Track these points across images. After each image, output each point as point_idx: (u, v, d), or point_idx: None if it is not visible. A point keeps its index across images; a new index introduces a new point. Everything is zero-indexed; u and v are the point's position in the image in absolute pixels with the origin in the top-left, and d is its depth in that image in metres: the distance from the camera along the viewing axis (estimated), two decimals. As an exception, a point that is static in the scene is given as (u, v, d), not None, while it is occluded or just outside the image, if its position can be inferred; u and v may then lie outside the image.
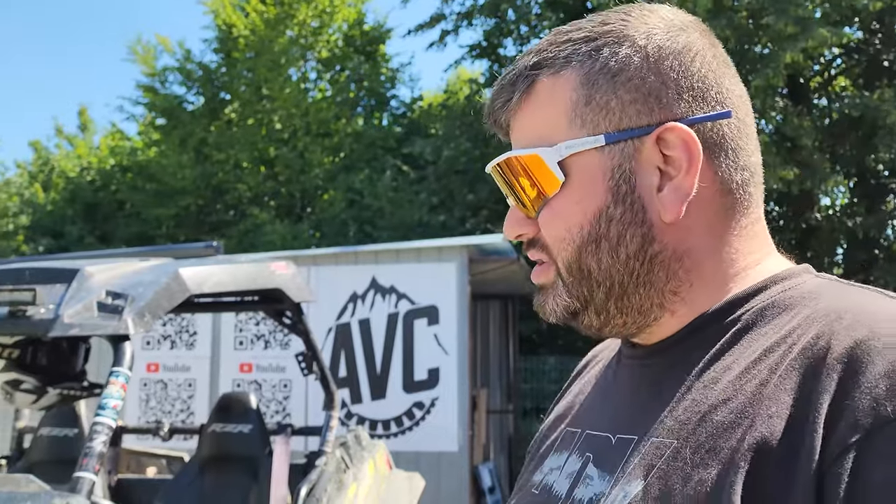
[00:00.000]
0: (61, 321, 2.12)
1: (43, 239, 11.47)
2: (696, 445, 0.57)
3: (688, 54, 0.66)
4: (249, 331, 5.18)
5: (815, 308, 0.60)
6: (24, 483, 1.90)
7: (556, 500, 0.67)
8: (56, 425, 3.23)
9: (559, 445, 0.74)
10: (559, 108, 0.66)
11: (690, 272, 0.65)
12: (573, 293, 0.68)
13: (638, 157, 0.65)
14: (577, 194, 0.66)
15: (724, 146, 0.65)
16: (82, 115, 15.03)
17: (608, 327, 0.69)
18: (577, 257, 0.66)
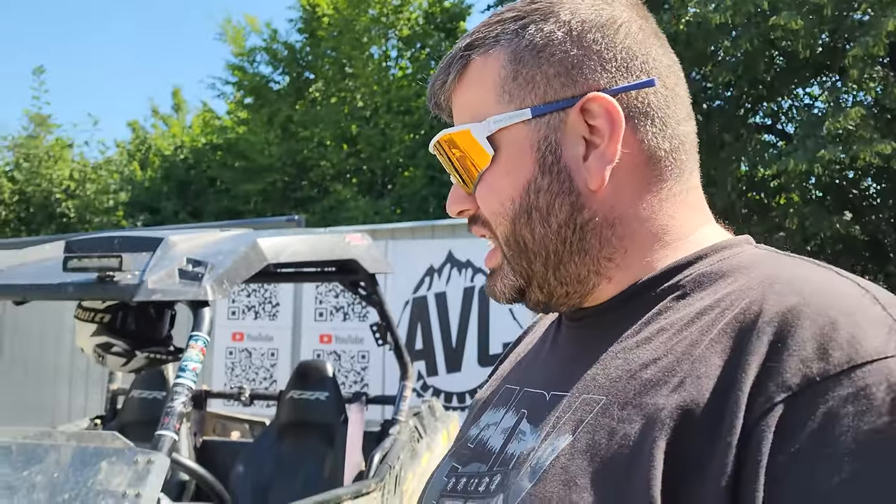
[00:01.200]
0: (145, 286, 2.22)
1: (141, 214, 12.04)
2: (624, 402, 0.58)
3: (612, 26, 0.67)
4: (329, 303, 5.31)
5: (750, 276, 0.61)
6: (109, 439, 2.01)
7: (490, 454, 0.69)
8: (146, 388, 3.40)
9: (497, 401, 0.76)
10: (488, 85, 0.69)
11: (623, 239, 0.67)
12: (516, 269, 0.70)
13: (563, 129, 0.66)
14: (507, 167, 0.68)
15: (650, 115, 0.66)
16: (176, 95, 15.65)
17: (553, 300, 0.71)
18: (512, 230, 0.68)
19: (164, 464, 1.93)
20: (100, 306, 2.80)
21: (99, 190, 11.19)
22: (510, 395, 0.74)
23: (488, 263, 0.74)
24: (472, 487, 0.68)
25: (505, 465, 0.66)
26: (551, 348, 0.75)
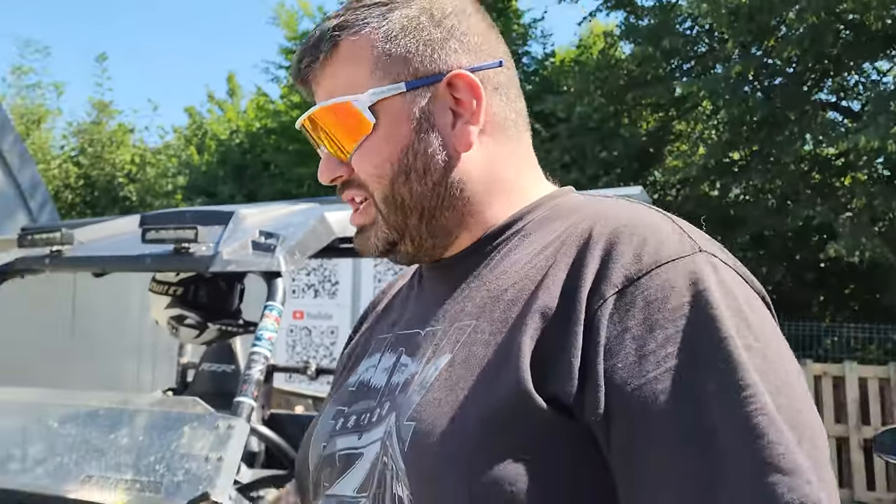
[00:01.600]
0: (220, 257, 2.26)
1: (198, 198, 12.29)
2: (492, 319, 0.70)
3: (463, 15, 0.79)
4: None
5: (580, 214, 0.75)
6: (191, 405, 2.06)
7: (377, 391, 0.77)
8: (215, 361, 3.48)
9: (371, 350, 0.84)
10: (362, 62, 0.77)
11: (483, 193, 0.78)
12: (391, 224, 0.79)
13: (434, 100, 0.77)
14: (386, 134, 0.76)
15: (499, 90, 0.80)
16: (230, 80, 15.88)
17: (421, 252, 0.80)
18: (391, 189, 0.77)
19: (244, 429, 1.97)
20: (173, 279, 2.86)
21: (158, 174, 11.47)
22: (383, 343, 0.83)
23: (357, 221, 0.81)
24: (364, 422, 0.75)
25: (391, 393, 0.74)
26: (417, 296, 0.84)
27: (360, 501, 0.72)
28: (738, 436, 0.57)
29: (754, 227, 9.67)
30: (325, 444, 0.79)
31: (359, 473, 0.73)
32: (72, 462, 2.04)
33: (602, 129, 11.95)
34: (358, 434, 0.75)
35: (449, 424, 0.65)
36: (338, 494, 0.75)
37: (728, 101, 9.09)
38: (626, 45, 12.53)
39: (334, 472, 0.76)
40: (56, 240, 2.47)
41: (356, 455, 0.74)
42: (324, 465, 0.79)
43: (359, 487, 0.72)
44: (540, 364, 0.64)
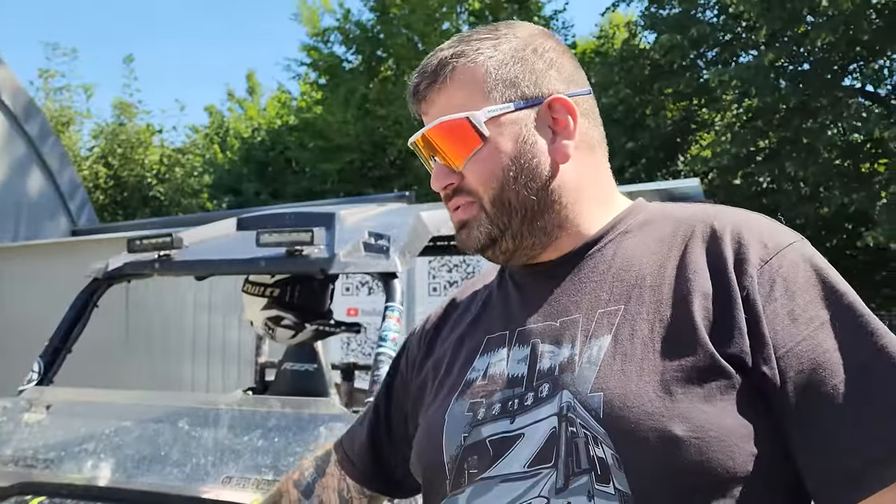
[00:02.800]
0: (338, 259, 2.28)
1: (225, 197, 12.33)
2: (642, 301, 0.81)
3: (558, 50, 0.93)
4: (442, 278, 5.37)
5: (675, 216, 0.88)
6: (325, 406, 2.09)
7: (519, 379, 0.84)
8: (297, 361, 3.49)
9: (485, 348, 0.90)
10: (476, 85, 0.89)
11: (577, 200, 0.89)
12: (495, 222, 0.89)
13: (537, 119, 0.89)
14: (497, 146, 0.88)
15: (587, 113, 0.91)
16: (250, 79, 15.92)
17: (520, 250, 0.90)
18: (500, 193, 0.88)
19: (380, 429, 2.00)
20: (269, 281, 2.89)
21: (186, 173, 11.51)
22: (502, 340, 0.89)
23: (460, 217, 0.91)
24: (513, 407, 0.82)
25: (547, 376, 0.82)
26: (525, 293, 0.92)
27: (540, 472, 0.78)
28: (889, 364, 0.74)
29: (787, 215, 9.66)
30: (465, 434, 0.84)
31: (524, 451, 0.79)
32: (209, 463, 2.07)
33: (627, 119, 11.96)
34: (509, 419, 0.82)
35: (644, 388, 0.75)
36: (500, 474, 0.80)
37: (760, 88, 9.08)
38: (648, 34, 12.51)
39: (486, 458, 0.81)
40: (166, 244, 2.50)
41: (514, 437, 0.81)
42: (467, 454, 0.83)
43: (530, 462, 0.79)
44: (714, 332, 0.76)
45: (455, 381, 0.90)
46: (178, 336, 5.99)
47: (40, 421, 2.35)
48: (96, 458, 2.19)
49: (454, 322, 1.00)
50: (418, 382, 0.99)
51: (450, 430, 0.86)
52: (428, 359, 1.00)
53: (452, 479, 0.84)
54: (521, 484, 0.79)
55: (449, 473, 0.85)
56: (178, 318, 5.98)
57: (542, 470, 0.78)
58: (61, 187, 7.87)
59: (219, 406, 2.21)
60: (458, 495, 0.83)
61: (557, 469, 0.77)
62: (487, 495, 0.80)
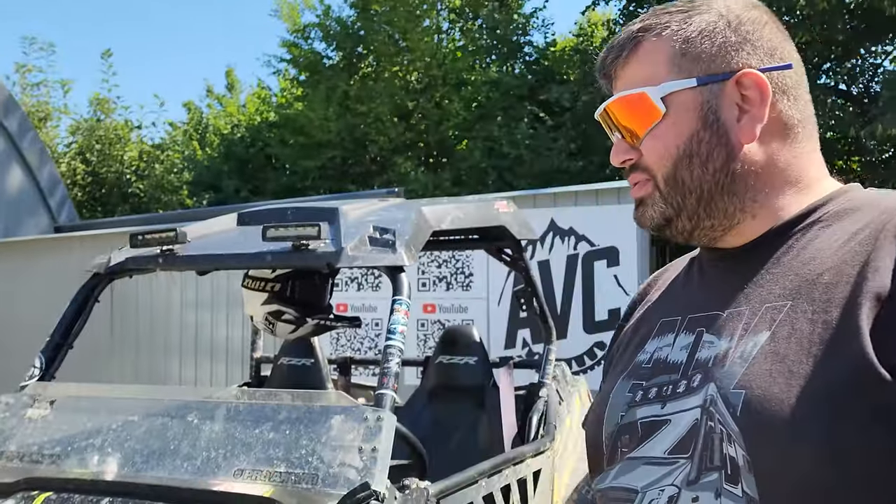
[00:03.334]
0: (346, 253, 2.29)
1: (205, 193, 12.23)
2: (812, 299, 0.75)
3: (759, 22, 0.87)
4: (432, 273, 5.39)
5: (880, 206, 0.80)
6: (335, 398, 2.10)
7: (677, 366, 0.84)
8: (294, 356, 3.51)
9: (657, 332, 0.91)
10: (660, 59, 0.87)
11: (766, 184, 0.85)
12: (668, 201, 0.87)
13: (722, 95, 0.85)
14: (675, 122, 0.86)
15: (787, 91, 0.86)
16: (229, 75, 15.79)
17: (698, 230, 0.88)
18: (674, 171, 0.86)
19: (392, 421, 2.01)
20: (269, 276, 2.89)
21: (165, 170, 11.40)
22: (672, 325, 0.89)
23: (636, 194, 0.91)
24: (667, 393, 0.82)
25: (702, 367, 0.80)
26: (705, 280, 0.91)
27: (677, 461, 0.78)
28: None
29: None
30: (623, 413, 0.86)
31: (668, 438, 0.80)
32: (220, 456, 2.08)
33: (608, 117, 12.04)
34: (661, 403, 0.82)
35: (787, 392, 0.71)
36: (644, 456, 0.82)
37: (739, 87, 9.19)
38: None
39: (635, 439, 0.83)
40: (170, 239, 2.49)
41: (662, 422, 0.81)
42: (622, 433, 0.85)
43: (671, 449, 0.79)
44: (879, 339, 0.70)
45: (627, 361, 0.92)
46: (165, 333, 5.95)
47: (44, 416, 2.33)
48: (103, 453, 2.18)
49: (646, 301, 1.01)
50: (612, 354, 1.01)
51: (612, 409, 0.88)
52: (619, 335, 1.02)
53: (608, 455, 0.87)
54: (659, 469, 0.80)
55: (606, 449, 0.87)
56: (165, 316, 5.94)
57: (680, 459, 0.78)
58: (41, 183, 7.77)
59: (228, 399, 2.21)
60: (610, 470, 0.86)
61: (692, 461, 0.77)
62: (631, 474, 0.83)
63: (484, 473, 2.34)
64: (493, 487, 2.38)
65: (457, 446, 3.20)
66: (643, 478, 0.81)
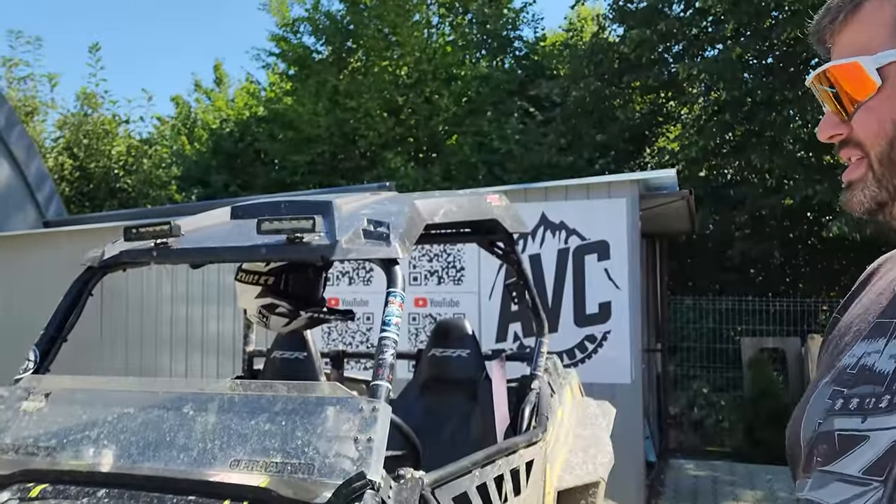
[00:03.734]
0: (340, 246, 2.30)
1: (193, 188, 12.19)
2: None
3: None
4: (423, 267, 5.41)
5: None
6: (330, 389, 2.12)
7: (883, 377, 0.75)
8: (287, 349, 3.52)
9: (870, 334, 0.81)
10: (881, 25, 0.77)
11: None
12: (883, 184, 0.78)
13: None
14: (891, 95, 0.76)
15: None
16: (217, 69, 15.72)
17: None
18: (889, 149, 0.77)
19: (387, 411, 2.03)
20: (263, 269, 2.91)
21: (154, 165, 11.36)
22: (886, 327, 0.79)
23: (848, 176, 0.82)
24: (869, 406, 0.74)
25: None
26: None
27: (871, 484, 0.72)
28: None
29: (752, 207, 9.87)
30: (820, 421, 0.80)
31: (865, 456, 0.73)
32: (216, 447, 2.09)
33: (596, 112, 12.09)
34: (861, 417, 0.75)
35: None
36: (839, 472, 0.75)
37: (728, 82, 9.26)
38: (616, 28, 12.66)
39: (831, 451, 0.77)
40: (164, 232, 2.50)
41: (860, 437, 0.74)
42: (818, 442, 0.79)
43: (866, 469, 0.72)
44: None
45: (832, 362, 0.85)
46: (156, 327, 5.95)
47: (40, 409, 2.34)
48: (98, 445, 2.19)
49: (864, 293, 0.90)
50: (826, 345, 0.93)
51: (810, 413, 0.82)
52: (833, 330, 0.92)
53: (804, 462, 0.81)
54: (852, 489, 0.74)
55: (803, 455, 0.82)
56: (156, 310, 5.93)
57: (873, 482, 0.72)
58: (28, 178, 7.73)
59: (223, 391, 2.22)
60: (807, 480, 0.80)
61: (886, 486, 0.70)
62: (824, 490, 0.77)
63: (478, 463, 2.36)
64: (487, 477, 2.40)
65: (450, 438, 3.23)
66: (835, 495, 0.75)
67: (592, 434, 3.54)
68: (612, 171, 11.98)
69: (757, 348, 8.51)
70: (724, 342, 9.62)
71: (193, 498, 1.96)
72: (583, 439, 3.48)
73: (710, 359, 9.65)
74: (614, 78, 11.98)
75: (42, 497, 2.05)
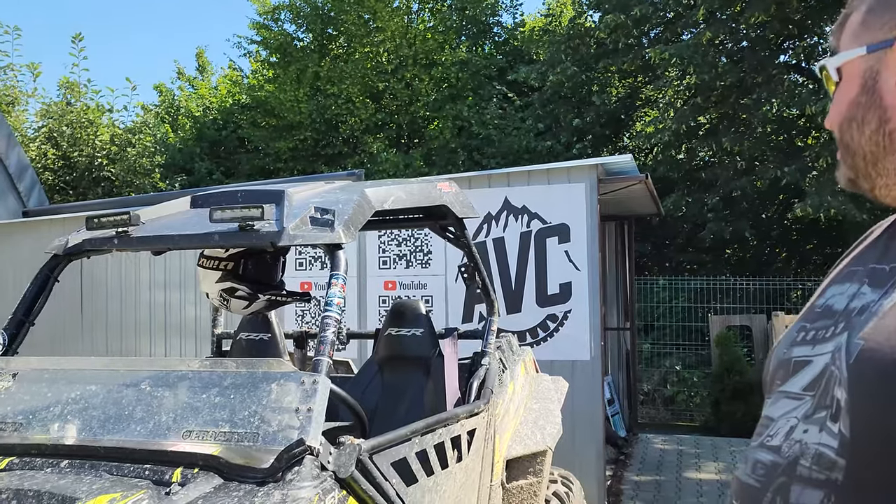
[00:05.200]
0: (287, 233, 2.47)
1: (177, 176, 12.28)
2: None
3: None
4: (392, 251, 5.58)
5: None
6: (276, 364, 2.29)
7: (836, 313, 0.91)
8: (252, 331, 3.70)
9: (841, 279, 0.97)
10: (851, 30, 0.93)
11: None
12: (846, 163, 0.95)
13: (885, 60, 0.88)
14: (844, 90, 0.93)
15: None
16: (200, 56, 15.77)
17: (876, 189, 0.94)
18: (840, 135, 0.93)
19: (327, 384, 2.21)
20: (223, 255, 3.07)
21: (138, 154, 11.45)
22: (853, 274, 0.95)
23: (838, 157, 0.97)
24: (819, 336, 0.90)
25: (847, 315, 0.87)
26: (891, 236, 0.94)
27: (804, 398, 0.86)
28: None
29: (724, 188, 10.07)
30: (785, 350, 0.95)
31: (806, 376, 0.88)
32: (170, 419, 2.26)
33: (574, 97, 12.24)
34: (812, 345, 0.90)
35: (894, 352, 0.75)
36: (787, 391, 0.91)
37: (699, 66, 9.43)
38: (593, 13, 12.79)
39: (787, 374, 0.92)
40: (124, 221, 2.66)
41: (806, 361, 0.89)
42: (780, 367, 0.94)
43: (805, 386, 0.87)
44: None
45: (811, 304, 0.99)
46: (134, 313, 6.11)
47: (7, 388, 2.49)
48: (63, 420, 2.35)
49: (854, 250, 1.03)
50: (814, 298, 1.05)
51: (780, 346, 0.97)
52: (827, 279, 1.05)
53: (769, 385, 0.96)
54: (793, 402, 0.89)
55: (769, 380, 0.97)
56: (135, 296, 6.10)
57: (806, 396, 0.86)
58: (9, 168, 7.83)
59: (178, 368, 2.40)
60: (768, 400, 0.96)
61: (814, 398, 0.84)
62: (775, 405, 0.92)
63: (417, 432, 2.54)
64: (427, 445, 2.59)
65: (405, 412, 3.41)
66: (781, 409, 0.90)
67: (543, 407, 3.73)
68: (589, 154, 12.15)
69: (724, 326, 8.75)
70: (697, 320, 9.86)
71: (149, 466, 2.11)
72: (533, 412, 3.68)
73: (683, 337, 9.89)
74: (591, 63, 12.13)
75: (9, 468, 2.19)
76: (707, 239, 10.31)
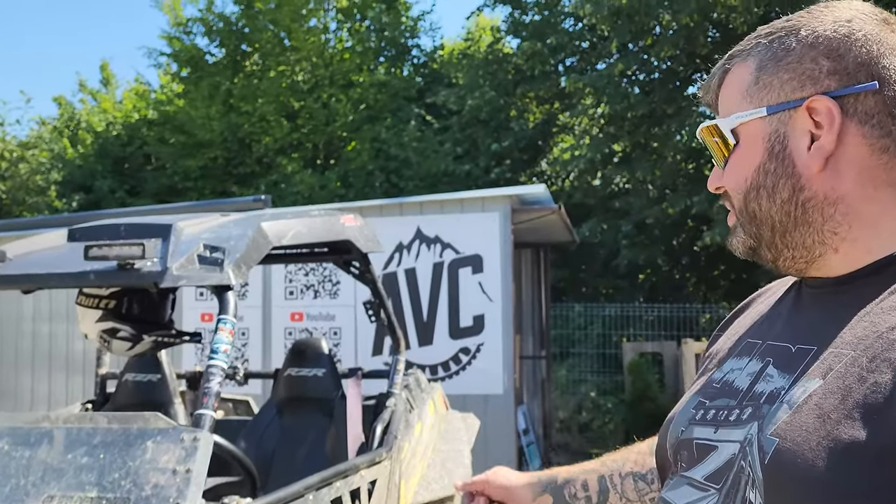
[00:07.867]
0: (171, 273, 2.26)
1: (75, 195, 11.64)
2: (873, 356, 0.69)
3: (845, 42, 0.79)
4: (299, 281, 5.36)
5: None
6: (153, 420, 2.08)
7: (738, 392, 0.83)
8: (140, 371, 3.43)
9: (739, 352, 0.90)
10: (738, 88, 0.86)
11: (847, 215, 0.80)
12: (747, 231, 0.87)
13: (791, 123, 0.81)
14: (744, 153, 0.85)
15: (871, 114, 0.78)
16: (104, 69, 15.08)
17: (780, 260, 0.86)
18: (744, 203, 0.85)
19: (209, 441, 2.02)
20: (104, 293, 2.82)
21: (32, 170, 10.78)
22: (752, 347, 0.87)
23: (730, 222, 0.91)
24: (721, 417, 0.82)
25: (755, 400, 0.79)
26: (794, 309, 0.87)
27: (709, 490, 0.79)
28: None
29: (638, 216, 10.28)
30: (683, 429, 0.87)
31: (710, 465, 0.81)
32: (29, 483, 2.02)
33: (493, 121, 12.31)
34: (714, 427, 0.82)
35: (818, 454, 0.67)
36: (689, 477, 0.84)
37: (611, 96, 9.62)
38: (512, 39, 12.95)
39: (691, 457, 0.84)
40: (-14, 258, 2.40)
41: (710, 447, 0.81)
42: (681, 448, 0.87)
43: (708, 476, 0.80)
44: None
45: (708, 377, 0.91)
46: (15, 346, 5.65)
47: None
48: None
49: (745, 314, 0.98)
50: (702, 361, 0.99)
51: (677, 421, 0.89)
52: (713, 345, 1.00)
53: (672, 466, 0.89)
54: (695, 493, 0.82)
55: (670, 459, 0.89)
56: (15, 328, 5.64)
57: (711, 488, 0.79)
58: None
59: (42, 424, 2.15)
60: (669, 482, 0.88)
61: (720, 494, 0.77)
62: (675, 491, 0.85)
63: (311, 487, 2.37)
64: (323, 500, 2.41)
65: (305, 458, 3.22)
66: (682, 497, 0.83)
67: (452, 448, 3.60)
68: (507, 179, 12.23)
69: (637, 353, 8.87)
70: (611, 347, 9.98)
71: (3, 538, 1.89)
72: (442, 453, 3.54)
73: (599, 364, 9.98)
74: (509, 88, 12.24)
75: None
76: (622, 265, 10.48)
